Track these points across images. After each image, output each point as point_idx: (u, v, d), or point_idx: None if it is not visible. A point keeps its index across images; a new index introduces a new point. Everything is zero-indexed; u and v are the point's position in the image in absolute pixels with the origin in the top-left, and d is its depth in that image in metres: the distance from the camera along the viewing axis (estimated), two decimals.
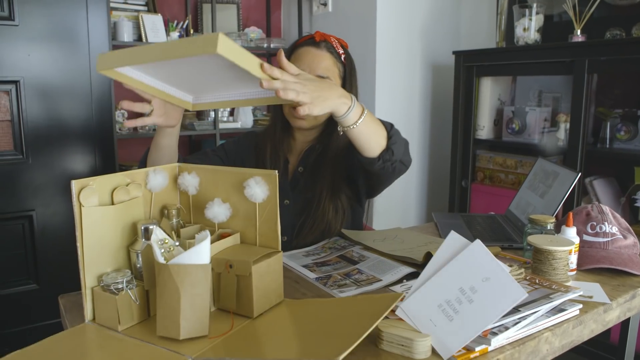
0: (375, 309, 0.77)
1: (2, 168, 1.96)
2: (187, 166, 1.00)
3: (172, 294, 0.78)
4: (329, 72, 1.29)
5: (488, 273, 0.72)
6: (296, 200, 1.36)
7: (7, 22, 1.91)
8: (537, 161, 1.53)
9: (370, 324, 0.71)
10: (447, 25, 2.82)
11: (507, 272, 0.72)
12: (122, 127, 2.58)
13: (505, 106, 2.43)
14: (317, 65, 1.27)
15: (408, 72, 2.70)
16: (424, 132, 2.83)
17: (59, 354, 0.76)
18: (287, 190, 1.36)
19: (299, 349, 0.73)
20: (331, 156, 1.33)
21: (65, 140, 2.09)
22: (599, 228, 1.17)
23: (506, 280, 0.71)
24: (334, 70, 1.30)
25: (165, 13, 2.83)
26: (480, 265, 0.73)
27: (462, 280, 0.73)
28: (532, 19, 2.19)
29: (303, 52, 1.30)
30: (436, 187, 2.91)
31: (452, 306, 0.74)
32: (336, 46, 1.32)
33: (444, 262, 0.75)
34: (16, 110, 1.97)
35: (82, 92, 2.10)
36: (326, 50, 1.30)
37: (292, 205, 1.36)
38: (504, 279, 0.71)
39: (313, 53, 1.29)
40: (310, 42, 1.31)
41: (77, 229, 0.83)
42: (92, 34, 2.09)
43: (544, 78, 2.40)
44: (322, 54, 1.29)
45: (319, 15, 2.98)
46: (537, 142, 2.25)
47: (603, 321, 0.95)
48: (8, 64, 1.93)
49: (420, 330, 0.76)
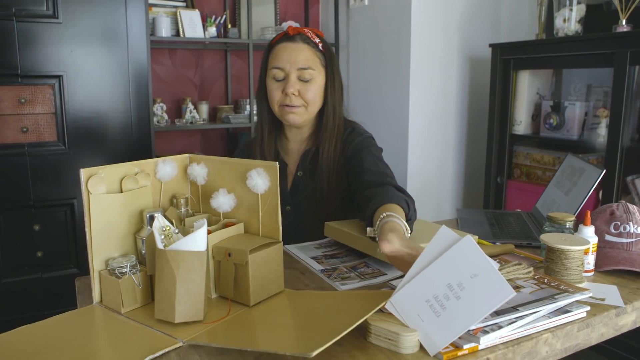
0: (366, 306, 0.77)
1: (47, 158, 2.08)
2: (196, 157, 1.03)
3: (168, 279, 0.81)
4: (309, 63, 1.28)
5: (477, 269, 0.70)
6: (298, 206, 1.37)
7: (52, 20, 2.02)
8: (566, 157, 1.47)
9: (354, 321, 0.71)
10: (486, 18, 2.73)
11: (496, 269, 0.70)
12: (160, 120, 2.67)
13: (544, 100, 2.33)
14: (297, 59, 1.27)
15: (444, 66, 2.65)
16: (461, 127, 2.76)
17: (62, 331, 0.80)
18: (287, 197, 1.36)
19: (280, 341, 0.74)
20: (328, 152, 1.32)
21: (104, 133, 2.18)
22: (622, 228, 1.11)
23: (495, 277, 0.69)
24: (315, 60, 1.29)
25: (204, 8, 2.90)
26: (469, 262, 0.71)
27: (451, 276, 0.72)
28: (573, 9, 2.09)
29: (280, 50, 1.29)
30: (472, 182, 2.84)
31: (439, 302, 0.72)
32: (311, 36, 1.31)
33: (433, 257, 0.74)
34: (59, 104, 2.08)
35: (120, 86, 2.19)
36: (302, 42, 1.29)
37: (295, 210, 1.37)
38: (492, 276, 0.69)
39: (290, 48, 1.28)
40: (285, 38, 1.30)
41: (86, 215, 0.87)
42: (131, 30, 2.18)
43: (587, 71, 2.29)
44: (299, 47, 1.28)
45: (356, 8, 2.96)
46: (576, 138, 2.15)
47: (615, 325, 0.91)
48: (53, 60, 2.04)
49: (408, 325, 0.75)
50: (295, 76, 1.27)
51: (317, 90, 1.30)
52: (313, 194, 1.34)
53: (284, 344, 0.72)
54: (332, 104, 1.33)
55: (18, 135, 2.04)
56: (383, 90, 2.78)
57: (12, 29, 1.97)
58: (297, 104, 1.28)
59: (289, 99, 1.28)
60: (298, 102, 1.28)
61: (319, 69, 1.30)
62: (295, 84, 1.27)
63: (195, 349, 0.75)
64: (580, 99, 2.26)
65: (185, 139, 3.04)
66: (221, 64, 3.06)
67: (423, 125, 2.64)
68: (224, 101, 3.10)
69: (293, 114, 1.30)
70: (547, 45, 2.13)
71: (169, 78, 2.93)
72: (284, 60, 1.27)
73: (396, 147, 2.68)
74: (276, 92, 1.29)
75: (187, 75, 2.98)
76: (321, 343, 0.64)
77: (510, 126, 2.37)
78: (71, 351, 0.74)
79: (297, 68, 1.27)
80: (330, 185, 1.33)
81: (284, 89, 1.28)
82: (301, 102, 1.29)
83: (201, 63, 3.01)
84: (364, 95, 2.96)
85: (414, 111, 2.60)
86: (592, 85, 2.24)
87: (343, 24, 3.08)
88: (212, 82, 3.06)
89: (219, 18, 2.85)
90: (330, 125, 1.33)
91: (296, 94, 1.28)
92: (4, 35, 1.96)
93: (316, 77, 1.29)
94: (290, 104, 1.28)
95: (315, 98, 1.30)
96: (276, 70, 1.28)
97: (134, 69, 2.21)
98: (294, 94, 1.27)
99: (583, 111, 2.15)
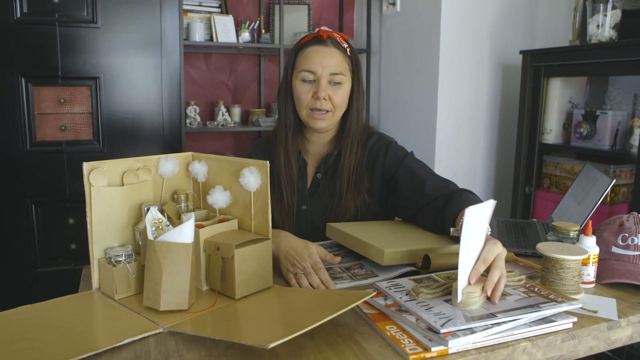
0: (340, 304, 0.78)
1: (84, 155, 2.20)
2: (198, 155, 1.07)
3: (155, 269, 0.85)
4: (340, 68, 1.28)
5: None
6: (314, 206, 1.36)
7: (91, 24, 2.14)
8: (584, 166, 1.42)
9: (322, 318, 0.72)
10: (520, 24, 2.67)
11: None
12: (192, 122, 2.77)
13: (576, 109, 2.25)
14: (329, 63, 1.27)
15: (474, 72, 2.61)
16: (492, 135, 2.71)
17: (57, 312, 0.86)
18: (306, 196, 1.37)
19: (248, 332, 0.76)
20: (350, 156, 1.32)
21: (138, 133, 2.29)
22: (630, 240, 1.07)
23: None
24: (345, 66, 1.30)
25: (239, 14, 2.98)
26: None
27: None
28: (607, 15, 2.02)
29: (311, 52, 1.28)
30: (501, 191, 2.77)
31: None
32: (340, 41, 1.31)
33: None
34: (95, 104, 2.19)
35: (154, 88, 2.29)
36: (334, 47, 1.29)
37: (311, 210, 1.37)
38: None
39: (323, 52, 1.28)
40: (317, 41, 1.29)
41: (87, 206, 0.93)
42: (165, 35, 2.27)
43: (625, 79, 2.20)
44: (331, 51, 1.28)
45: (388, 14, 2.97)
46: (607, 148, 2.07)
47: (607, 339, 0.87)
48: (91, 62, 2.16)
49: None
50: (327, 80, 1.27)
51: (345, 95, 1.30)
52: (330, 197, 1.35)
53: (248, 335, 0.75)
54: (357, 109, 1.34)
55: (57, 133, 2.17)
56: (413, 96, 2.77)
57: (55, 33, 2.10)
58: (327, 108, 1.28)
59: (319, 103, 1.27)
60: (327, 107, 1.28)
61: (347, 74, 1.30)
62: (327, 88, 1.27)
63: (173, 336, 0.79)
64: (615, 107, 2.18)
65: (218, 140, 3.13)
66: (255, 68, 3.14)
67: (452, 132, 2.61)
68: (256, 105, 3.17)
69: (321, 120, 1.29)
70: (579, 52, 2.06)
71: (204, 81, 3.03)
72: (316, 64, 1.27)
73: (424, 153, 2.66)
74: (306, 95, 1.29)
75: (221, 79, 3.07)
76: (282, 336, 0.66)
77: (540, 135, 2.30)
78: (61, 330, 0.79)
79: (329, 73, 1.27)
80: (349, 189, 1.33)
81: (314, 92, 1.28)
82: (330, 107, 1.29)
83: (235, 67, 3.09)
84: (395, 100, 2.96)
85: (442, 117, 2.57)
86: (630, 94, 2.15)
87: (376, 29, 3.09)
88: (246, 86, 3.14)
89: (253, 23, 2.92)
90: (354, 129, 1.33)
91: (327, 98, 1.28)
92: (48, 39, 2.09)
93: (345, 82, 1.30)
94: (320, 108, 1.28)
95: (343, 103, 1.31)
96: (307, 72, 1.28)
97: (168, 72, 2.30)
98: (324, 98, 1.27)
99: (616, 120, 2.06)
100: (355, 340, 0.78)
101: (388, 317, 0.84)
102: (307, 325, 0.70)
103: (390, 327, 0.80)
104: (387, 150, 1.35)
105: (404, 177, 1.30)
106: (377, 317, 0.84)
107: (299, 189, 1.37)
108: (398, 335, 0.78)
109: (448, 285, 0.90)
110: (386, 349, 0.76)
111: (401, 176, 1.30)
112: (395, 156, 1.33)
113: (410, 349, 0.73)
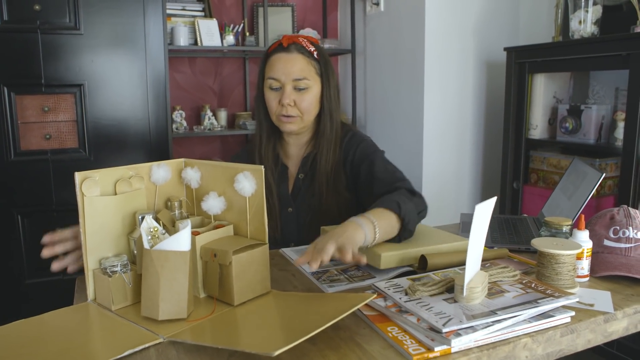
0: (341, 307, 0.78)
1: (69, 164, 2.17)
2: (190, 161, 1.06)
3: (153, 278, 0.84)
4: (304, 73, 1.30)
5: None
6: (300, 208, 1.39)
7: (73, 31, 2.11)
8: (573, 161, 1.44)
9: (325, 322, 0.72)
10: (503, 21, 2.70)
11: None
12: (178, 127, 2.74)
13: (560, 104, 2.28)
14: (291, 70, 1.29)
15: (460, 70, 2.63)
16: (478, 132, 2.73)
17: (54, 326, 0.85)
18: (289, 199, 1.40)
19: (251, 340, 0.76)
20: (326, 158, 1.34)
21: (124, 139, 2.26)
22: (622, 233, 1.09)
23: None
24: (309, 70, 1.31)
25: (223, 17, 2.97)
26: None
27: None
28: (589, 11, 2.05)
29: (275, 60, 1.31)
30: (489, 188, 2.80)
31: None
32: (306, 45, 1.32)
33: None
34: (80, 111, 2.17)
35: (139, 94, 2.26)
36: (297, 52, 1.30)
37: (296, 212, 1.39)
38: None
39: (284, 59, 1.30)
40: (280, 49, 1.31)
41: (80, 216, 0.91)
42: (149, 40, 2.25)
43: (606, 73, 2.23)
44: (293, 58, 1.30)
45: (372, 14, 2.98)
46: (593, 142, 2.10)
47: (604, 332, 0.89)
48: (74, 70, 2.13)
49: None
50: (291, 87, 1.30)
51: (313, 99, 1.32)
52: (313, 198, 1.37)
53: (252, 343, 0.74)
54: (329, 110, 1.35)
55: (41, 142, 2.13)
56: (399, 95, 2.78)
57: (37, 41, 2.07)
58: (293, 114, 1.31)
59: (285, 109, 1.30)
60: (294, 112, 1.31)
61: (314, 78, 1.32)
62: (291, 94, 1.29)
63: (174, 345, 0.78)
64: (598, 102, 2.21)
65: (205, 145, 3.10)
66: (240, 71, 3.12)
67: (438, 130, 2.63)
68: (242, 108, 3.15)
69: (290, 123, 1.32)
70: (562, 48, 2.09)
71: (189, 86, 3.00)
72: (279, 72, 1.29)
73: (411, 152, 2.67)
74: (273, 102, 1.32)
75: (206, 83, 3.05)
76: (286, 343, 0.66)
77: (526, 130, 2.33)
78: (59, 344, 0.78)
79: (292, 79, 1.29)
80: (329, 190, 1.35)
81: (280, 99, 1.30)
82: (297, 112, 1.31)
83: (220, 71, 3.07)
84: (381, 101, 2.97)
85: (429, 116, 2.59)
86: (612, 88, 2.18)
87: (360, 30, 3.10)
88: (231, 90, 3.12)
89: (237, 26, 2.91)
90: (328, 131, 1.35)
91: (292, 104, 1.30)
92: (29, 46, 2.06)
93: (312, 86, 1.31)
94: (287, 114, 1.31)
95: (310, 107, 1.32)
96: (272, 80, 1.31)
97: (152, 77, 2.28)
98: (289, 105, 1.30)
99: (600, 115, 2.10)
100: (357, 343, 0.78)
101: (389, 318, 0.84)
102: (311, 330, 0.69)
103: (392, 328, 0.81)
104: (358, 146, 1.36)
105: (364, 174, 1.32)
106: (377, 319, 0.84)
107: (280, 193, 1.39)
108: (400, 336, 0.78)
109: (444, 282, 0.90)
110: (389, 350, 0.76)
111: (362, 172, 1.33)
112: (363, 152, 1.35)
113: (414, 350, 0.73)
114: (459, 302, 0.84)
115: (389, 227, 1.08)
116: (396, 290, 0.90)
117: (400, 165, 1.37)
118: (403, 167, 1.37)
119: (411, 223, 1.12)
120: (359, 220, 1.03)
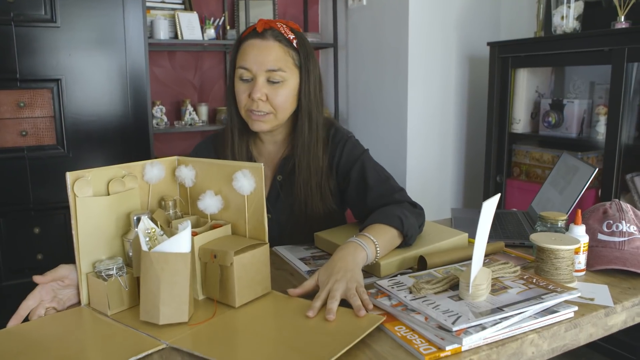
0: (355, 328, 0.77)
1: (46, 161, 2.09)
2: (184, 159, 1.03)
3: (153, 281, 0.81)
4: (279, 64, 1.13)
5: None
6: (279, 212, 1.27)
7: (49, 24, 2.03)
8: (562, 155, 1.46)
9: (342, 347, 0.71)
10: (486, 17, 2.72)
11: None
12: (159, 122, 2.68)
13: (543, 99, 2.32)
14: (265, 59, 1.12)
15: (443, 65, 2.64)
16: (460, 126, 2.75)
17: (48, 332, 0.81)
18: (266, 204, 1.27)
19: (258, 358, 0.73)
20: (307, 161, 1.21)
21: (104, 135, 2.19)
22: (615, 227, 1.10)
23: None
24: (286, 60, 1.15)
25: (203, 10, 2.91)
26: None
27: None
28: (571, 7, 2.07)
29: (248, 47, 1.14)
30: (472, 182, 2.83)
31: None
32: (284, 32, 1.15)
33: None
34: (58, 107, 2.09)
35: (119, 89, 2.20)
36: (273, 39, 1.14)
37: (276, 218, 1.27)
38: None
39: (258, 46, 1.13)
40: (254, 34, 1.14)
41: (72, 218, 0.87)
42: (129, 34, 2.18)
43: (587, 68, 2.27)
44: (268, 45, 1.13)
45: (354, 8, 2.96)
46: (575, 136, 2.14)
47: (605, 325, 0.90)
48: (51, 64, 2.05)
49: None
50: (264, 79, 1.14)
51: (288, 94, 1.16)
52: (296, 201, 1.24)
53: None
54: (307, 108, 1.19)
55: (17, 139, 2.05)
56: (382, 90, 2.77)
57: (11, 33, 1.98)
58: (265, 110, 1.15)
59: (256, 104, 1.14)
60: (265, 109, 1.15)
61: (291, 70, 1.16)
62: (263, 87, 1.13)
63: (177, 351, 0.75)
64: (579, 96, 2.25)
65: (186, 140, 3.05)
66: (220, 65, 3.07)
67: (422, 125, 2.63)
68: (223, 102, 3.10)
69: (260, 122, 1.16)
70: (545, 43, 2.12)
71: (169, 80, 2.94)
72: (251, 61, 1.13)
73: (395, 147, 2.67)
74: (243, 95, 1.15)
75: (186, 77, 2.99)
76: None
77: (509, 125, 2.36)
78: (55, 352, 0.75)
79: (265, 70, 1.13)
80: (312, 194, 1.22)
81: (250, 92, 1.14)
82: (269, 109, 1.15)
83: (200, 65, 3.01)
84: (363, 96, 2.96)
85: (413, 111, 2.59)
86: (592, 83, 2.22)
87: (342, 24, 3.08)
88: (212, 84, 3.07)
89: (218, 20, 2.85)
90: (306, 132, 1.19)
91: (263, 99, 1.14)
92: (3, 39, 1.97)
93: (288, 79, 1.15)
94: (257, 110, 1.15)
95: (286, 103, 1.16)
96: (243, 70, 1.14)
97: (132, 71, 2.21)
98: (261, 99, 1.14)
99: (582, 109, 2.13)
100: (366, 344, 0.76)
101: (395, 317, 0.83)
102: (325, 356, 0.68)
103: (399, 327, 0.80)
104: (344, 147, 1.24)
105: (355, 180, 1.22)
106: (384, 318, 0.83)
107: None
108: (409, 335, 0.77)
109: (448, 279, 0.90)
110: (399, 350, 0.75)
111: (353, 178, 1.22)
112: (351, 154, 1.24)
113: (424, 349, 0.72)
114: (464, 299, 0.84)
115: (389, 244, 1.05)
116: (400, 288, 0.89)
117: (384, 160, 1.33)
118: (387, 162, 1.33)
119: (413, 238, 1.10)
120: (360, 240, 0.99)
